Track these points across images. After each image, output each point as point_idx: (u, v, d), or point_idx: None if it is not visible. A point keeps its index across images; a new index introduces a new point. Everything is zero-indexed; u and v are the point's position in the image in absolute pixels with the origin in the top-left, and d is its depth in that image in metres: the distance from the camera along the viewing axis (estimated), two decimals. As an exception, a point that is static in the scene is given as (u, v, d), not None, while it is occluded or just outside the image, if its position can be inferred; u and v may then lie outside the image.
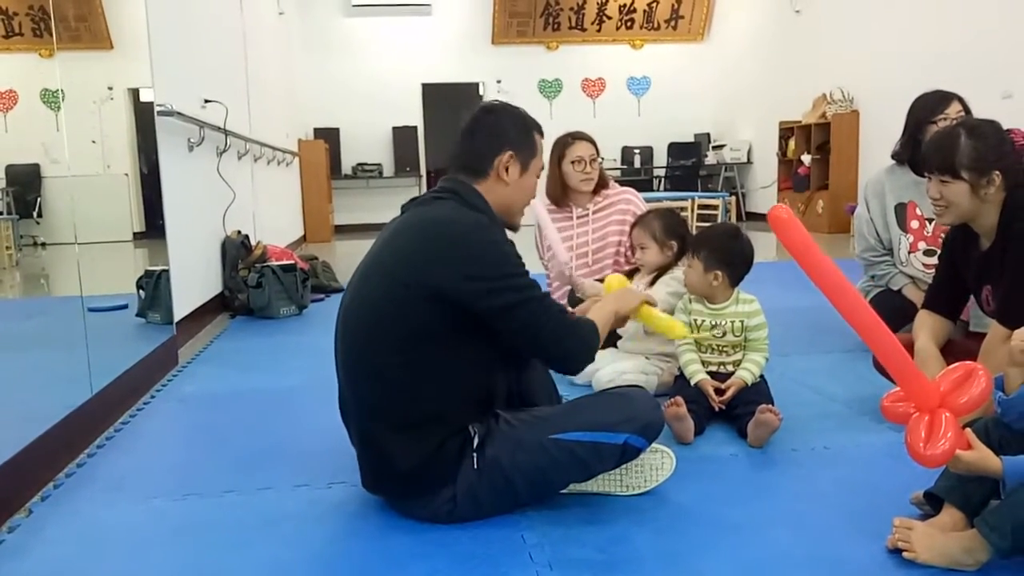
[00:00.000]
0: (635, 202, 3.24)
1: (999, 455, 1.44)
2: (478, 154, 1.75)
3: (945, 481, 1.56)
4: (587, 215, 3.23)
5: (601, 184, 3.23)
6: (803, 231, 1.39)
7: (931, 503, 1.61)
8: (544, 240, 3.25)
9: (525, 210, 1.87)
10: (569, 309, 1.82)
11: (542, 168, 1.86)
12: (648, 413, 1.72)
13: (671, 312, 2.45)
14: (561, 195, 3.24)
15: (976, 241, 2.17)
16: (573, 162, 3.15)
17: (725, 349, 2.34)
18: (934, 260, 2.98)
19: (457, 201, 1.71)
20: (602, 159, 3.26)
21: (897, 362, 1.45)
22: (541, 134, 1.84)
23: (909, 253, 3.02)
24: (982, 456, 1.41)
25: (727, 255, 2.30)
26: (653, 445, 1.78)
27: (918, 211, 3.00)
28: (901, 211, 3.03)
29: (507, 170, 1.74)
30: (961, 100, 2.90)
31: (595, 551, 1.56)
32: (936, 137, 2.12)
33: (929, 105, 2.90)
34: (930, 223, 2.99)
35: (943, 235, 2.92)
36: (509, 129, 1.76)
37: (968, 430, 1.44)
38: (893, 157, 3.08)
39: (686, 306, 2.40)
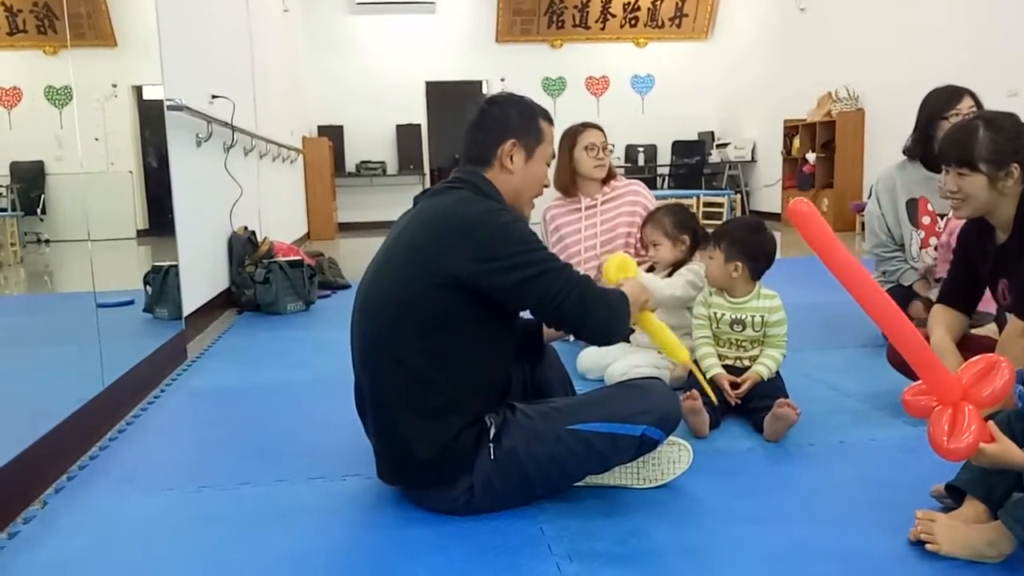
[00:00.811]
0: (643, 194, 3.26)
1: (1022, 447, 1.43)
2: (483, 144, 1.75)
3: (967, 474, 1.55)
4: (595, 205, 3.24)
5: (609, 175, 3.26)
6: (824, 225, 1.38)
7: (952, 496, 1.60)
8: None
9: (535, 202, 1.85)
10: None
11: (553, 156, 1.84)
12: (666, 405, 1.71)
13: (686, 305, 2.45)
14: (570, 184, 3.26)
15: (992, 234, 2.15)
16: (586, 148, 3.18)
17: (743, 344, 2.33)
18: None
19: (470, 190, 1.71)
20: (612, 146, 3.28)
21: (919, 355, 1.44)
22: (550, 121, 1.81)
23: (920, 249, 3.01)
24: (1005, 448, 1.40)
25: (749, 248, 2.29)
26: (670, 438, 1.77)
27: (929, 207, 2.99)
28: (912, 207, 3.02)
29: (511, 159, 1.74)
30: (973, 95, 2.89)
31: (614, 543, 1.55)
32: (953, 130, 2.11)
33: (941, 101, 2.90)
34: (942, 219, 2.98)
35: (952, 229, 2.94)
36: (512, 118, 1.76)
37: (991, 423, 1.43)
38: (905, 153, 3.07)
39: (706, 299, 2.38)
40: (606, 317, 1.68)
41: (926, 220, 3.00)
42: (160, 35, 3.35)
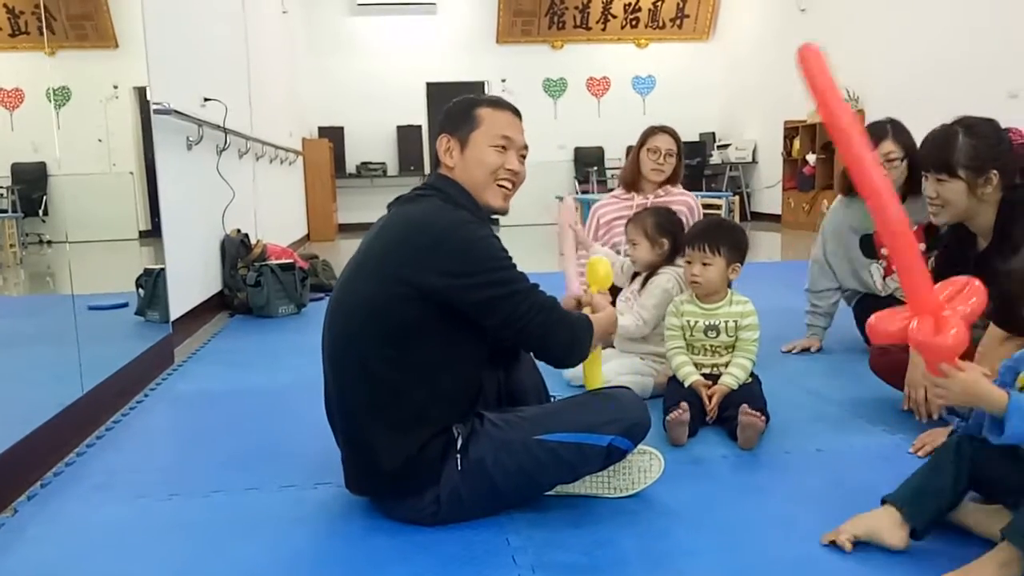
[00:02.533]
0: (691, 204, 3.27)
1: (972, 470, 1.43)
2: (434, 150, 1.78)
3: (902, 490, 1.53)
4: (646, 203, 3.25)
5: (672, 179, 3.32)
6: (827, 69, 1.34)
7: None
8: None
9: (505, 185, 1.75)
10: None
11: (504, 137, 1.72)
12: (634, 414, 1.69)
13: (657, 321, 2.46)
14: (633, 180, 3.34)
15: (973, 240, 2.14)
16: (649, 150, 3.25)
17: (718, 350, 2.31)
18: None
19: (440, 197, 1.70)
20: (680, 155, 3.31)
21: (902, 247, 1.35)
22: (495, 106, 1.76)
23: (884, 278, 3.00)
24: (978, 378, 1.37)
25: (744, 247, 2.35)
26: (641, 447, 1.76)
27: None
28: (868, 241, 2.99)
29: (448, 153, 1.74)
30: (897, 135, 2.79)
31: (580, 554, 1.54)
32: (933, 136, 2.10)
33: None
34: None
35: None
36: (446, 116, 1.78)
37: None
38: (842, 192, 3.05)
39: (678, 308, 2.38)
40: (567, 342, 1.68)
41: (886, 251, 2.99)
42: (146, 37, 3.34)
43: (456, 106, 1.78)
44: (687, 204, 3.24)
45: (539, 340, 1.65)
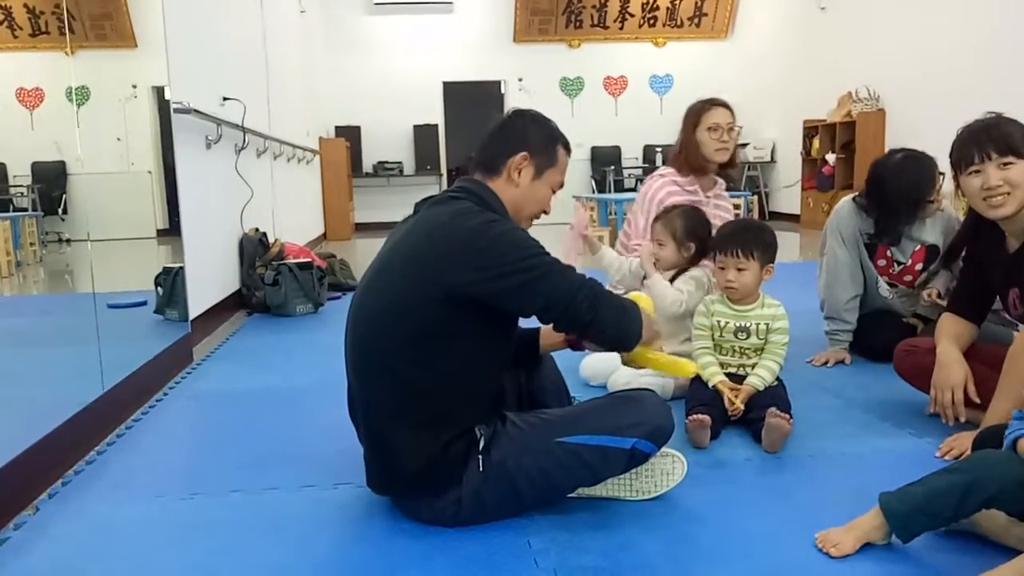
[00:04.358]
0: (730, 206, 3.09)
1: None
2: (495, 152, 1.74)
3: (900, 504, 1.50)
4: (708, 201, 3.05)
5: (731, 161, 2.99)
6: None
7: None
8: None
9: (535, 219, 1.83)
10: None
11: (561, 185, 1.81)
12: (657, 417, 1.67)
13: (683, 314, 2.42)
14: (695, 165, 2.99)
15: (1002, 242, 2.09)
16: (709, 128, 2.93)
17: (746, 351, 2.29)
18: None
19: (472, 201, 1.68)
20: (740, 127, 3.01)
21: None
22: (568, 151, 1.81)
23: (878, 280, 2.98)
24: None
25: (774, 249, 2.31)
26: (664, 449, 1.74)
27: (888, 253, 2.94)
28: (872, 248, 2.97)
29: (519, 172, 1.72)
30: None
31: (602, 557, 1.52)
32: (974, 129, 2.02)
33: (924, 181, 2.82)
34: (897, 265, 2.93)
35: (907, 276, 2.88)
36: (532, 134, 1.75)
37: None
38: (875, 238, 2.95)
39: (708, 308, 2.35)
40: (618, 316, 1.63)
41: (882, 262, 2.96)
42: (167, 37, 3.36)
43: (540, 130, 1.77)
44: (731, 211, 3.03)
45: (589, 314, 1.58)
